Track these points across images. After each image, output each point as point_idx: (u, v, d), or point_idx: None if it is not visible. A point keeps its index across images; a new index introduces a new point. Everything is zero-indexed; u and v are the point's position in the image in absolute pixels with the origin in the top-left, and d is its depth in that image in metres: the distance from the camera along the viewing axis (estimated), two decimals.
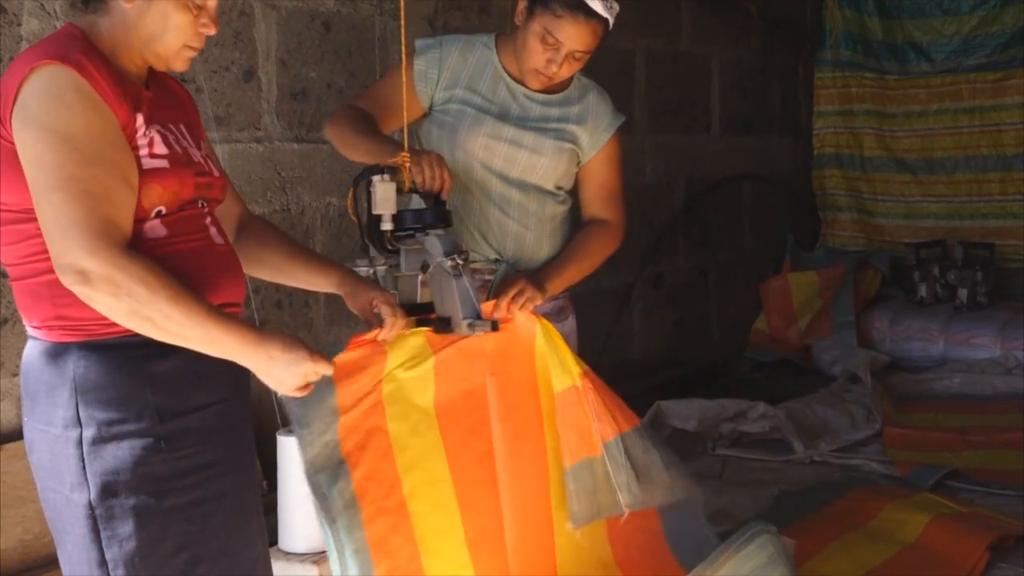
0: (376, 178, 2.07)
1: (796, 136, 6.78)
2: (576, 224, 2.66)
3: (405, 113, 2.28)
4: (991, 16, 6.25)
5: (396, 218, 2.10)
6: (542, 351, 2.33)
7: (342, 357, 1.94)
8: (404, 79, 2.26)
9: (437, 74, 2.49)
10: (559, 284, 2.49)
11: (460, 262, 2.04)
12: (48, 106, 1.61)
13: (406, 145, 2.20)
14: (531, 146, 2.50)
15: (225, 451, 1.79)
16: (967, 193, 6.40)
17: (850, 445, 4.26)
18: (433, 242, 2.07)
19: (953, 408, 4.90)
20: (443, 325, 2.08)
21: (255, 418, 2.04)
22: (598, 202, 2.63)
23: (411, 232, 2.11)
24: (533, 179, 2.54)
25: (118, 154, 1.66)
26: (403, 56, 2.29)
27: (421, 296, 2.15)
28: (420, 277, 2.14)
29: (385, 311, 2.01)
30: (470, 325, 2.02)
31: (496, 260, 2.52)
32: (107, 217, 1.61)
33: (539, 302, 2.37)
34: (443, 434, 2.17)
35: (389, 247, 2.12)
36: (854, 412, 4.65)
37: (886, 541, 3.25)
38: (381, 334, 2.01)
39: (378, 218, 2.09)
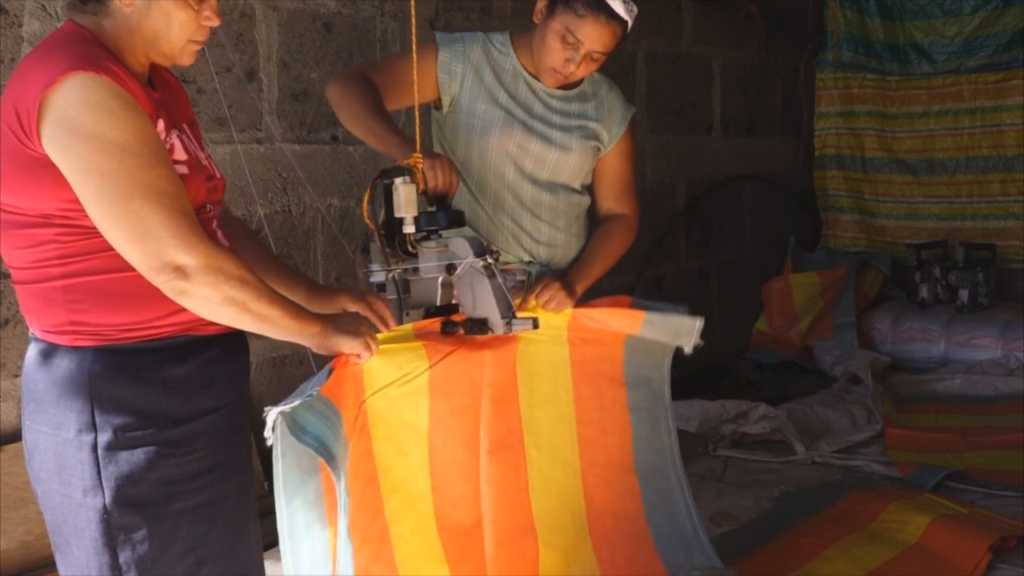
0: (399, 180, 2.05)
1: (797, 137, 6.78)
2: (592, 219, 2.68)
3: (417, 115, 2.24)
4: (992, 17, 6.26)
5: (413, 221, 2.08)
6: (525, 344, 2.31)
7: (331, 383, 1.85)
8: (415, 76, 2.23)
9: (462, 69, 2.47)
10: (587, 283, 2.53)
11: (492, 262, 2.04)
12: (95, 117, 1.60)
13: (418, 147, 2.17)
14: (560, 144, 2.52)
15: (229, 454, 1.80)
16: (968, 194, 6.40)
17: (851, 446, 4.26)
18: (461, 244, 2.06)
19: (954, 409, 4.90)
20: (478, 326, 2.06)
21: (256, 420, 2.03)
22: (614, 195, 2.66)
23: (425, 234, 2.09)
24: (561, 178, 2.56)
25: (167, 154, 1.68)
26: (413, 46, 2.25)
27: (441, 299, 2.12)
28: (441, 279, 2.10)
29: (361, 308, 2.02)
30: (508, 324, 2.02)
31: (529, 262, 2.55)
32: (186, 212, 1.64)
33: (570, 305, 2.41)
34: (431, 451, 2.12)
35: (410, 250, 2.09)
36: (855, 413, 4.65)
37: (887, 542, 3.25)
38: (382, 334, 1.97)
39: (399, 221, 2.06)
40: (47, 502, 1.76)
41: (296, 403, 1.72)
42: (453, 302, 2.14)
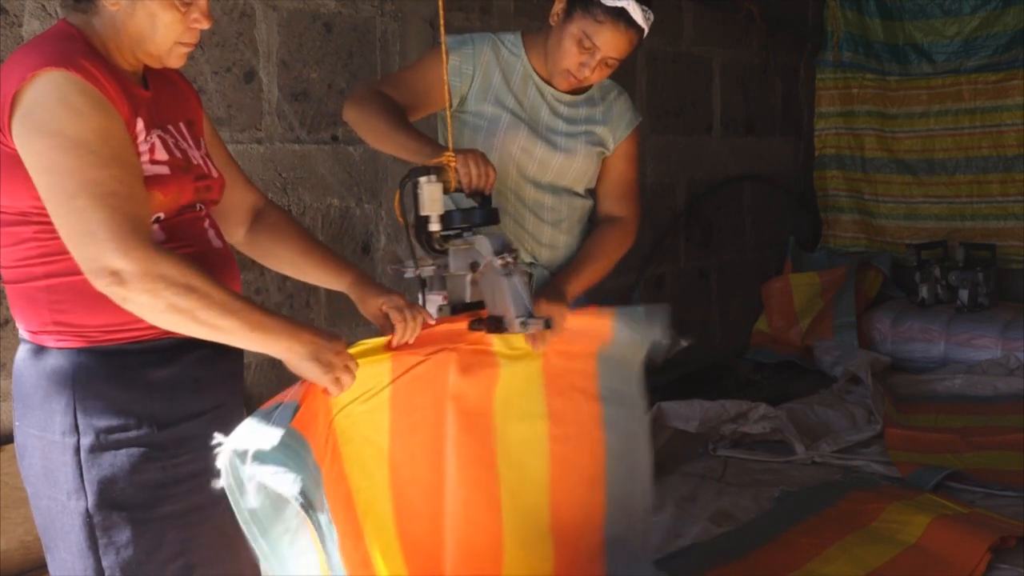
0: (423, 179, 2.06)
1: (797, 137, 6.78)
2: (594, 223, 2.66)
3: (448, 114, 2.27)
4: (992, 17, 6.26)
5: (444, 218, 2.09)
6: (505, 357, 2.23)
7: (302, 413, 1.74)
8: (445, 77, 2.26)
9: (472, 70, 2.47)
10: (579, 286, 2.44)
11: (511, 260, 2.05)
12: (57, 113, 1.58)
13: (450, 145, 2.19)
14: (565, 148, 2.50)
15: None
16: (968, 194, 6.40)
17: (851, 446, 4.26)
18: (483, 241, 2.07)
19: (954, 409, 4.90)
20: (495, 324, 2.07)
21: None
22: (613, 197, 2.62)
23: (459, 232, 2.11)
24: (564, 182, 2.54)
25: (130, 154, 1.64)
26: (443, 49, 2.28)
27: (471, 296, 2.14)
28: (469, 276, 2.13)
29: (394, 315, 1.93)
30: (523, 323, 2.02)
31: (531, 264, 2.53)
32: (132, 215, 1.58)
33: (564, 310, 2.28)
34: (392, 470, 2.05)
35: (437, 247, 2.11)
36: (855, 413, 4.65)
37: (887, 542, 3.25)
38: (395, 339, 1.93)
39: (426, 219, 2.08)
40: (36, 504, 1.75)
41: (255, 448, 1.59)
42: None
